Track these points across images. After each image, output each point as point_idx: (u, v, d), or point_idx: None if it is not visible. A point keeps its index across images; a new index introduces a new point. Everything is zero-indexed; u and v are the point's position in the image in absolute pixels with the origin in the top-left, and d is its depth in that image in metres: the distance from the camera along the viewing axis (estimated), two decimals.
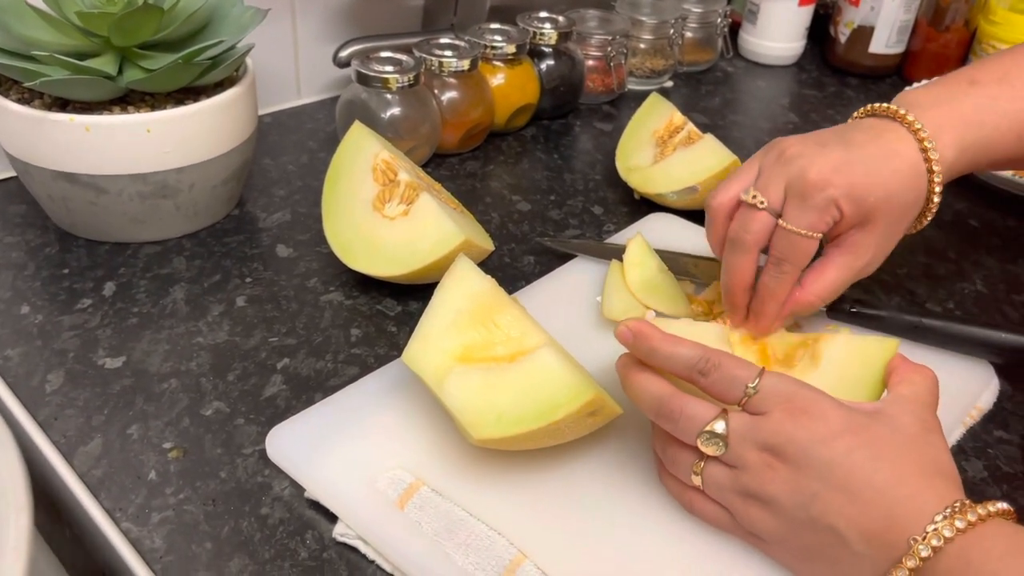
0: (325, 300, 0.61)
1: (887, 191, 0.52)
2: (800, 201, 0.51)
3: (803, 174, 0.51)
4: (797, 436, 0.40)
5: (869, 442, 0.40)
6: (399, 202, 0.60)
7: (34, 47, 0.58)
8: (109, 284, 0.61)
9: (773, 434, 0.40)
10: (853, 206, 0.51)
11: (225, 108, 0.63)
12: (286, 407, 0.52)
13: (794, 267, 0.53)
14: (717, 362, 0.43)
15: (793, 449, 0.40)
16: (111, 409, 0.51)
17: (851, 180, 0.51)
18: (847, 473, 0.39)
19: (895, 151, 0.52)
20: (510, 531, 0.43)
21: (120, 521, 0.44)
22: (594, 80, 0.94)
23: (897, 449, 0.40)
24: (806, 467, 0.40)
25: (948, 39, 1.06)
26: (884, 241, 0.54)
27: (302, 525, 0.45)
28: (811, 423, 0.40)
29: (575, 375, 0.45)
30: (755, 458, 0.41)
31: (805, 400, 0.41)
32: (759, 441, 0.41)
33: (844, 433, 0.40)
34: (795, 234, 0.51)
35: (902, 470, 0.39)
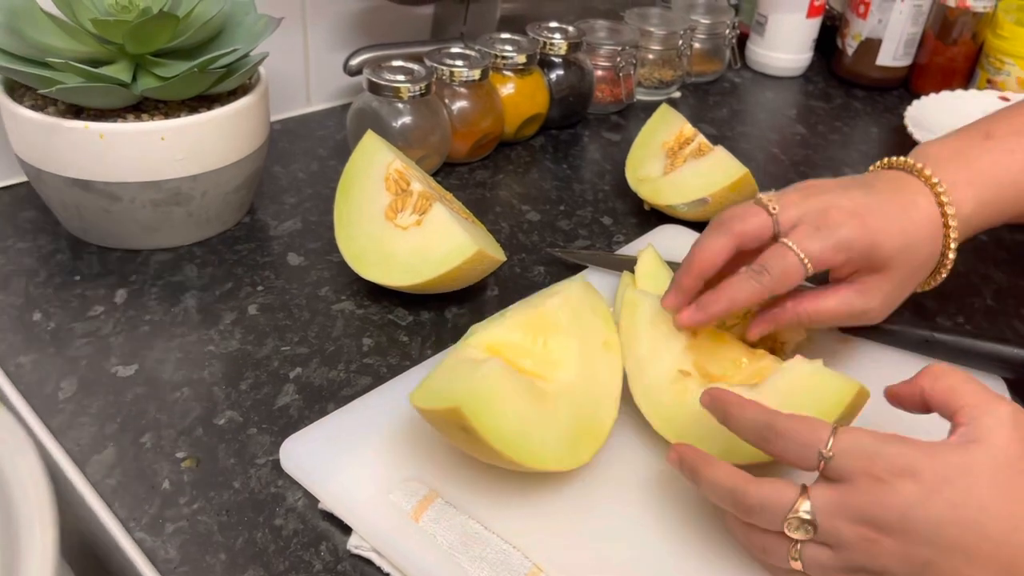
0: (337, 309, 0.61)
1: (904, 241, 0.51)
2: (813, 230, 0.50)
3: (824, 208, 0.51)
4: (891, 503, 0.37)
5: (971, 488, 0.36)
6: (412, 212, 0.60)
7: (48, 54, 0.58)
8: (121, 291, 0.61)
9: (865, 506, 0.38)
10: (866, 252, 0.50)
11: (239, 116, 0.63)
12: (299, 417, 0.52)
13: (772, 281, 0.50)
14: (783, 429, 0.41)
15: (891, 517, 0.37)
16: (124, 417, 0.51)
17: (869, 225, 0.50)
18: (957, 531, 0.36)
19: (913, 203, 0.52)
20: (525, 544, 0.43)
21: (134, 531, 0.44)
22: (603, 90, 0.94)
23: (1003, 485, 0.37)
24: (911, 533, 0.37)
25: (955, 52, 1.06)
26: (895, 291, 0.53)
27: (316, 536, 0.45)
28: (903, 485, 0.37)
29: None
30: (852, 533, 0.38)
31: (890, 458, 0.38)
32: (851, 515, 0.38)
33: (942, 486, 0.37)
34: (792, 253, 0.50)
35: (1014, 509, 0.36)
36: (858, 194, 0.52)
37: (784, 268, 0.50)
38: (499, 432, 0.43)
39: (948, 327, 0.64)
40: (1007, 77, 1.03)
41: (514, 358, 0.48)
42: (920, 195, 0.52)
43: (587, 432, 0.47)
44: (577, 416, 0.47)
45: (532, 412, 0.45)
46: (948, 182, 0.52)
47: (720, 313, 0.51)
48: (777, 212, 0.51)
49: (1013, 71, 1.02)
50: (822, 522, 0.39)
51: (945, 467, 0.37)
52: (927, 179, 0.53)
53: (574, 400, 0.48)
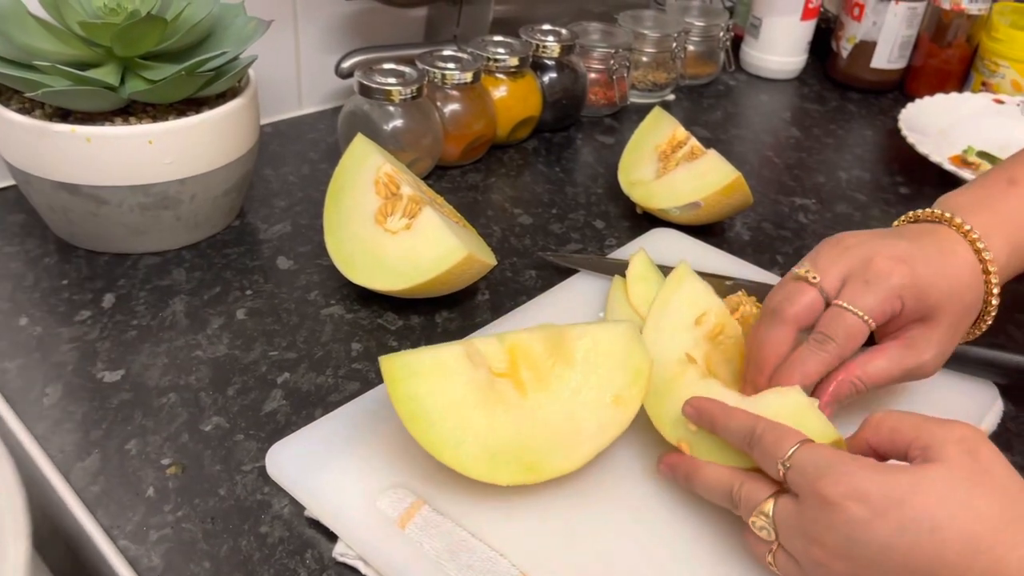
0: (326, 314, 0.61)
1: (950, 288, 0.49)
2: (863, 285, 0.49)
3: (869, 260, 0.49)
4: (836, 524, 0.36)
5: (921, 509, 0.35)
6: (402, 216, 0.60)
7: (36, 56, 0.58)
8: (108, 296, 0.61)
9: (812, 525, 0.38)
10: (916, 300, 0.49)
11: (228, 119, 0.63)
12: (286, 423, 0.52)
13: (838, 347, 0.48)
14: (760, 433, 0.41)
15: (836, 540, 0.37)
16: (109, 423, 0.50)
17: (916, 271, 0.49)
18: (905, 555, 0.35)
19: (952, 250, 0.51)
20: (513, 553, 0.43)
21: (118, 539, 0.44)
22: (596, 93, 0.94)
23: (958, 504, 0.35)
24: (857, 558, 0.36)
25: (950, 55, 1.06)
26: (946, 341, 0.51)
27: (302, 544, 0.44)
28: (849, 506, 0.36)
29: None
30: (808, 551, 0.38)
31: (840, 477, 0.37)
32: (802, 534, 0.38)
33: (889, 508, 0.36)
34: (850, 313, 0.48)
35: (974, 528, 0.35)
36: (897, 242, 0.50)
37: (847, 331, 0.48)
38: (413, 408, 0.44)
39: None
40: (1002, 80, 1.03)
41: (520, 363, 0.48)
42: (957, 243, 0.51)
43: (517, 461, 0.45)
44: (519, 442, 0.45)
45: (473, 409, 0.45)
46: (980, 229, 0.51)
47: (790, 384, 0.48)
48: (819, 281, 0.50)
49: (1008, 74, 1.02)
50: (780, 531, 0.39)
51: (897, 488, 0.36)
52: (959, 227, 0.51)
53: (528, 428, 0.46)
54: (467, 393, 0.45)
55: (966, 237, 0.51)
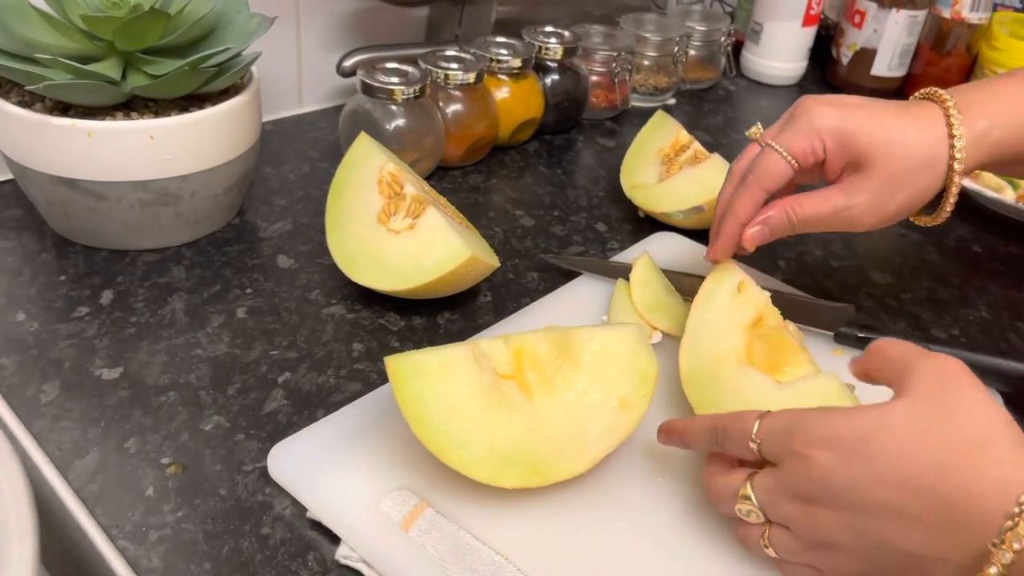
0: (327, 313, 0.60)
1: (886, 135, 0.51)
2: (787, 124, 0.53)
3: (801, 105, 0.53)
4: (812, 474, 0.37)
5: (887, 443, 0.36)
6: (405, 216, 0.59)
7: (36, 49, 0.57)
8: (107, 292, 0.60)
9: (793, 482, 0.38)
10: (840, 142, 0.51)
11: (230, 116, 0.62)
12: (287, 423, 0.51)
13: (756, 180, 0.53)
14: (724, 426, 0.42)
15: (815, 489, 0.38)
16: (108, 422, 0.50)
17: (845, 115, 0.51)
18: (878, 488, 0.36)
19: (914, 114, 0.52)
20: (517, 557, 0.42)
21: (116, 539, 0.43)
22: (598, 96, 0.93)
23: (922, 435, 0.36)
24: (836, 500, 0.37)
25: (950, 63, 1.06)
26: (880, 193, 0.52)
27: (304, 546, 0.44)
28: (820, 454, 0.37)
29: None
30: (793, 511, 0.39)
31: (807, 431, 0.38)
32: (786, 494, 0.39)
33: (856, 446, 0.36)
34: (771, 149, 0.52)
35: (938, 458, 0.35)
36: (851, 99, 0.53)
37: (766, 165, 0.52)
38: (418, 409, 0.44)
39: (944, 339, 0.64)
40: None
41: (526, 365, 0.47)
42: (926, 110, 0.52)
43: (522, 464, 0.44)
44: (525, 445, 0.45)
45: (479, 411, 0.45)
46: (962, 103, 0.52)
47: (734, 231, 0.54)
48: (762, 135, 0.55)
49: None
50: (764, 504, 0.40)
51: (861, 427, 0.37)
52: (939, 97, 0.52)
53: (534, 431, 0.45)
54: (473, 395, 0.45)
55: (942, 105, 0.52)
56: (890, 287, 0.54)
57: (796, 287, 0.66)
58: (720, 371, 0.51)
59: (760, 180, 0.53)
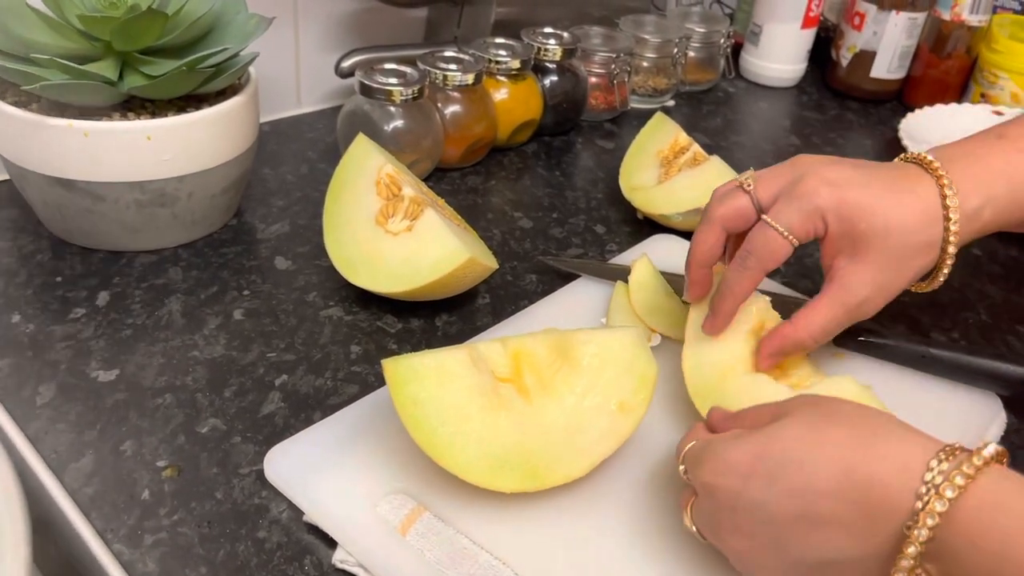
0: (324, 315, 0.60)
1: (885, 221, 0.50)
2: (787, 202, 0.50)
3: (801, 178, 0.50)
4: (721, 503, 0.39)
5: (782, 452, 0.37)
6: (403, 217, 0.59)
7: (33, 50, 0.57)
8: (103, 294, 0.60)
9: (709, 514, 0.40)
10: (841, 224, 0.50)
11: (227, 117, 0.62)
12: (284, 425, 0.51)
13: (758, 263, 0.50)
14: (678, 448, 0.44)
15: (726, 517, 0.39)
16: (104, 424, 0.50)
17: (846, 196, 0.50)
18: (786, 502, 0.36)
19: (910, 189, 0.51)
20: (515, 561, 0.42)
21: (112, 543, 0.43)
22: (596, 97, 0.93)
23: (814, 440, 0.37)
24: (753, 524, 0.38)
25: (949, 66, 1.06)
26: (881, 278, 0.51)
27: (300, 550, 0.44)
28: (724, 481, 0.39)
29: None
30: (718, 541, 0.40)
31: (705, 461, 0.40)
32: (709, 526, 0.41)
33: (754, 466, 0.38)
34: (771, 228, 0.50)
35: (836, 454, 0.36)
36: (846, 168, 0.51)
37: (767, 245, 0.50)
38: (415, 412, 0.44)
39: (944, 343, 0.64)
40: (1001, 91, 1.03)
41: (524, 368, 0.47)
42: (920, 183, 0.51)
43: (520, 467, 0.44)
44: (523, 449, 0.44)
45: (476, 414, 0.44)
46: (956, 177, 0.51)
47: (731, 309, 0.52)
48: (752, 189, 0.51)
49: (1007, 85, 1.02)
50: (700, 528, 0.41)
51: (753, 446, 0.38)
52: (934, 170, 0.51)
53: (532, 434, 0.45)
54: (470, 398, 0.45)
55: (937, 180, 0.51)
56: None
57: (796, 291, 0.66)
58: (727, 382, 0.51)
59: (763, 262, 0.50)
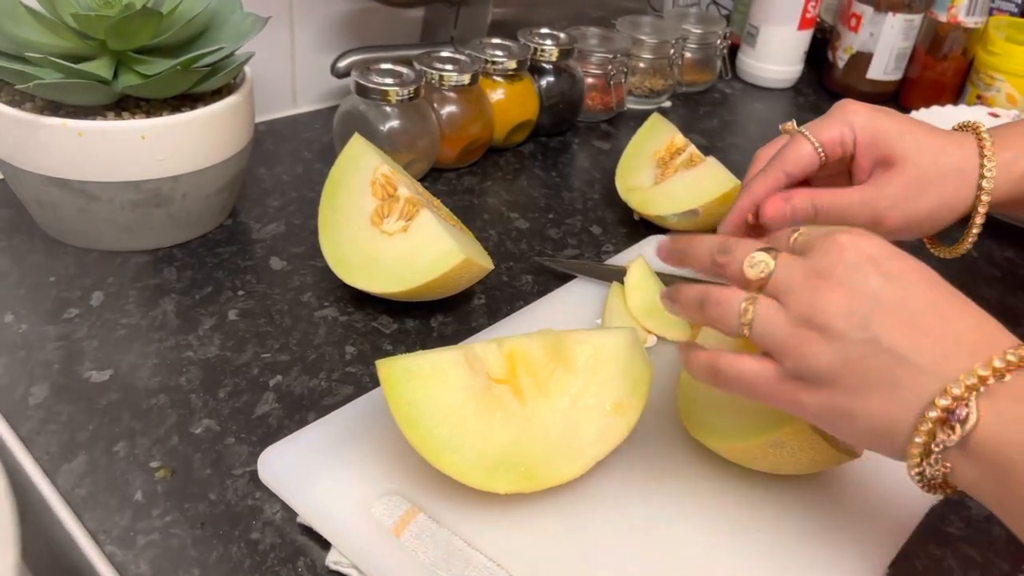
0: (319, 316, 0.60)
1: (916, 138, 0.51)
2: (825, 119, 0.53)
3: (838, 104, 0.53)
4: (845, 258, 0.38)
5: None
6: (398, 218, 0.59)
7: (27, 48, 0.57)
8: (97, 294, 0.59)
9: (818, 259, 0.38)
10: (871, 137, 0.52)
11: (222, 116, 0.62)
12: (278, 426, 0.50)
13: (780, 163, 0.52)
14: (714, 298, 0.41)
15: (842, 269, 0.38)
16: (96, 425, 0.49)
17: (879, 118, 0.52)
18: (901, 293, 0.37)
19: (948, 133, 0.53)
20: (510, 563, 0.42)
21: (104, 544, 0.43)
22: (593, 98, 0.93)
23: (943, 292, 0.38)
24: (857, 286, 0.37)
25: (946, 67, 1.06)
26: (909, 189, 0.52)
27: (294, 551, 0.43)
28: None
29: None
30: (803, 281, 0.38)
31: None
32: (803, 270, 0.39)
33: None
34: (802, 136, 0.52)
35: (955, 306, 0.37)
36: (888, 109, 0.54)
37: (794, 150, 0.52)
38: (410, 413, 0.43)
39: None
40: (997, 93, 1.03)
41: (519, 369, 0.47)
42: (960, 134, 0.53)
43: (515, 469, 0.44)
44: (518, 450, 0.44)
45: (471, 415, 0.44)
46: (997, 134, 0.53)
47: (744, 206, 0.54)
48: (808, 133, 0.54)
49: (1003, 87, 1.02)
50: (779, 269, 0.39)
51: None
52: (975, 127, 0.53)
53: (527, 435, 0.45)
54: (465, 399, 0.45)
55: (975, 132, 0.53)
56: None
57: None
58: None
59: (784, 163, 0.52)
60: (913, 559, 0.47)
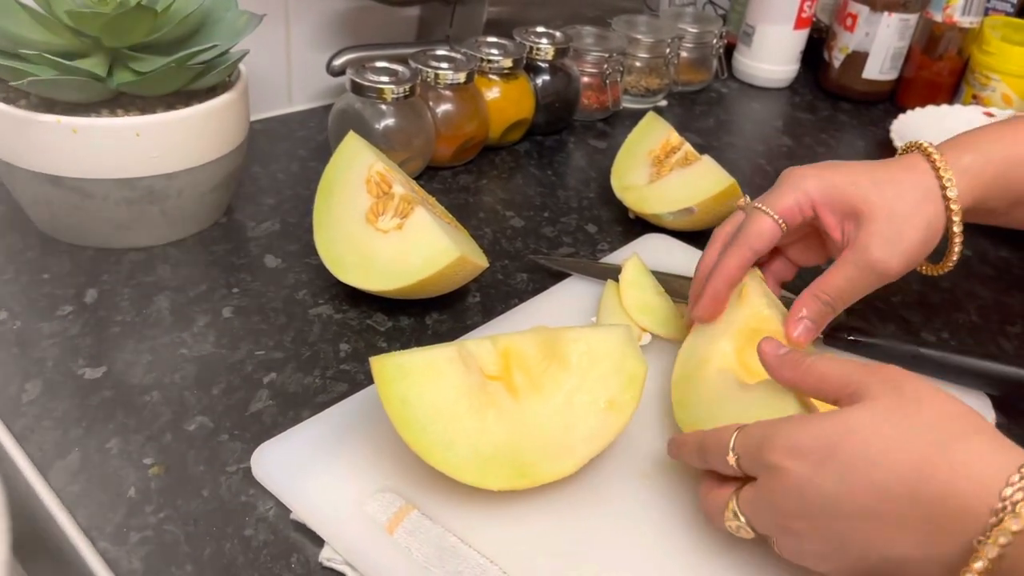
0: (314, 313, 0.60)
1: (874, 182, 0.51)
2: (776, 191, 0.53)
3: (784, 173, 0.54)
4: (786, 487, 0.37)
5: (857, 450, 0.36)
6: (393, 215, 0.59)
7: (22, 45, 0.57)
8: (91, 291, 0.59)
9: (769, 496, 0.38)
10: (830, 197, 0.52)
11: (217, 114, 0.62)
12: (272, 423, 0.50)
13: (745, 240, 0.52)
14: (705, 445, 0.42)
15: (790, 503, 0.37)
16: (90, 422, 0.49)
17: (830, 175, 0.52)
18: (855, 498, 0.35)
19: (896, 162, 0.53)
20: (503, 560, 0.42)
21: (97, 540, 0.43)
22: (589, 97, 0.93)
23: (892, 439, 0.35)
24: (814, 513, 0.37)
25: (941, 67, 1.06)
26: (890, 232, 0.50)
27: (287, 548, 0.43)
28: (792, 465, 0.37)
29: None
30: (772, 525, 0.39)
31: (775, 442, 0.38)
32: (764, 509, 0.39)
33: (827, 457, 0.36)
34: (759, 211, 0.52)
35: (909, 459, 0.34)
36: (830, 163, 0.54)
37: (755, 226, 0.52)
38: (403, 410, 0.43)
39: (934, 343, 0.64)
40: (992, 93, 1.03)
41: (513, 366, 0.47)
42: (908, 158, 0.53)
43: (509, 465, 0.44)
44: (511, 447, 0.44)
45: (465, 412, 0.44)
46: (945, 147, 0.53)
47: (719, 290, 0.53)
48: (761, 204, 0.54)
49: (999, 87, 1.02)
50: (752, 521, 0.40)
51: (828, 434, 0.37)
52: (920, 146, 0.53)
53: (521, 432, 0.45)
54: (459, 396, 0.45)
55: (928, 158, 0.52)
56: (880, 290, 0.54)
57: (786, 289, 0.66)
58: (699, 374, 0.51)
59: (749, 239, 0.52)
60: None
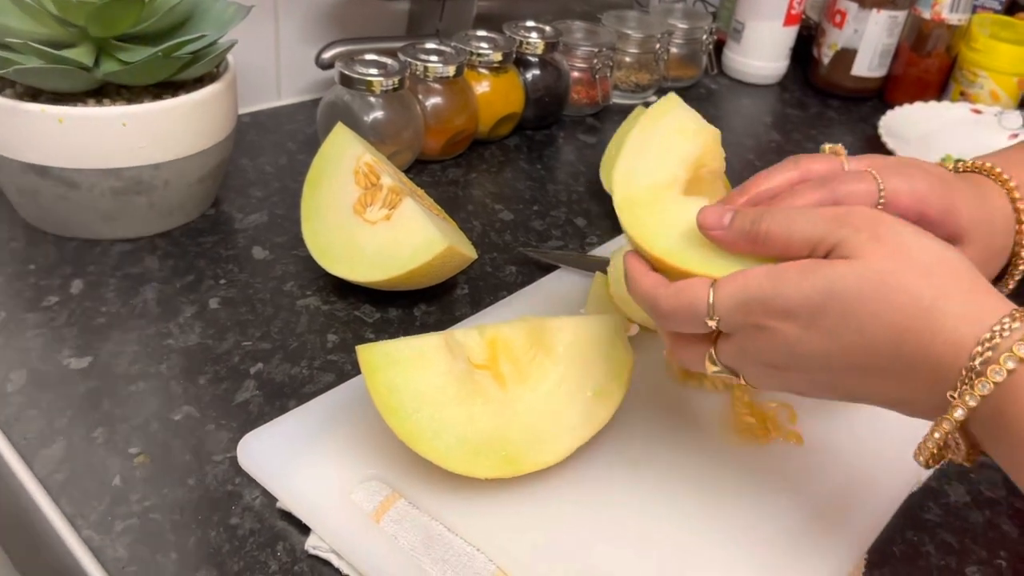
0: (301, 304, 0.60)
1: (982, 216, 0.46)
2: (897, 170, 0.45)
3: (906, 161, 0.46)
4: (776, 346, 0.38)
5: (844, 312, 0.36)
6: (381, 206, 0.59)
7: (8, 34, 0.56)
8: (77, 282, 0.59)
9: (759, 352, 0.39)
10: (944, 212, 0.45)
11: (204, 104, 0.61)
12: (259, 413, 0.50)
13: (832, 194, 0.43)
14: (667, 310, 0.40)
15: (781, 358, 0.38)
16: (75, 411, 0.49)
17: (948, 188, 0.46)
18: (844, 355, 0.36)
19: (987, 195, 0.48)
20: (489, 547, 0.42)
21: (81, 528, 0.42)
22: (579, 92, 0.93)
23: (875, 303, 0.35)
24: (805, 366, 0.38)
25: (929, 64, 1.07)
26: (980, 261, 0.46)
27: (273, 537, 0.43)
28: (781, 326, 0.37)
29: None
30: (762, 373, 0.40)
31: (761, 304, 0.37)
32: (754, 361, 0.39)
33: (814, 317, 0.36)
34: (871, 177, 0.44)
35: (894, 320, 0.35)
36: (937, 167, 0.48)
37: (861, 186, 0.44)
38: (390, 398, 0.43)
39: None
40: (980, 90, 1.04)
41: (500, 355, 0.47)
42: (992, 190, 0.48)
43: (496, 454, 0.44)
44: (498, 435, 0.44)
45: (452, 400, 0.44)
46: (1018, 179, 0.49)
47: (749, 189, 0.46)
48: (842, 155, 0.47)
49: (986, 84, 1.03)
50: (738, 369, 0.41)
51: (815, 299, 0.36)
52: (998, 176, 0.49)
53: (508, 421, 0.45)
54: (446, 384, 0.45)
55: (1004, 186, 0.49)
56: None
57: None
58: (660, 196, 0.45)
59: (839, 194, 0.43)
60: (891, 544, 0.47)
